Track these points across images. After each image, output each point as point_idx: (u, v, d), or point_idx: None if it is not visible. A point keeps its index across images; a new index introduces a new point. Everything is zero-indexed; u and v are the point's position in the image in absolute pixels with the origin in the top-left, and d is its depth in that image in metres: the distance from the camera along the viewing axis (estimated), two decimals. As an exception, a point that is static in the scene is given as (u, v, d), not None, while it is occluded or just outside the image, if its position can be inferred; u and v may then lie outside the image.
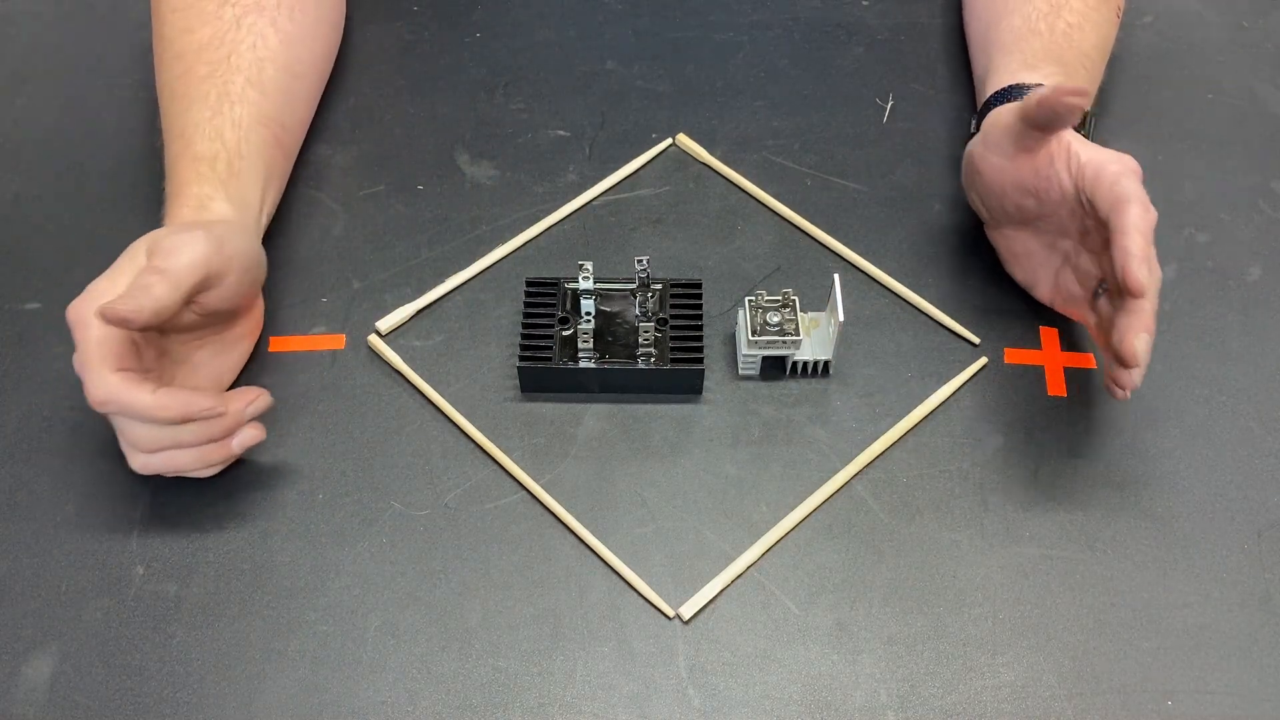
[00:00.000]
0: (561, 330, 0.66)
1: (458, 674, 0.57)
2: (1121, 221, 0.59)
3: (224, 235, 0.61)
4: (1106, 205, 0.60)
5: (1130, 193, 0.59)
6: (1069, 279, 0.66)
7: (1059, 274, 0.67)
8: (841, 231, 0.74)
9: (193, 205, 0.64)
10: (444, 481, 0.63)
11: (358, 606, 0.59)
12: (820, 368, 0.67)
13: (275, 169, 0.70)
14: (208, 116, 0.68)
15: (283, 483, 0.63)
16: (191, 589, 0.59)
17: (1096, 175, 0.61)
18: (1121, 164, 0.61)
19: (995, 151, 0.66)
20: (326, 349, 0.68)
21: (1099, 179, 0.61)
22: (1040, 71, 0.70)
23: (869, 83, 0.83)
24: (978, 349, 0.69)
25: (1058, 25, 0.73)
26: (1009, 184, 0.65)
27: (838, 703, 0.57)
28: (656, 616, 0.59)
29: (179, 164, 0.67)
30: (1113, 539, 0.62)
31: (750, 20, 0.87)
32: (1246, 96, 0.83)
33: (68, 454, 0.64)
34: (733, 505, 0.63)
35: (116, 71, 0.83)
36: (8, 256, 0.72)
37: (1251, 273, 0.73)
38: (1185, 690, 0.57)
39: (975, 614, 0.60)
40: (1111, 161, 0.61)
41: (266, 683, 0.57)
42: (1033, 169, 0.64)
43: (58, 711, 0.56)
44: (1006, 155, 0.65)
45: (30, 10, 0.87)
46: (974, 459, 0.65)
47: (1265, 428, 0.66)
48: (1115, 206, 0.59)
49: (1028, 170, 0.64)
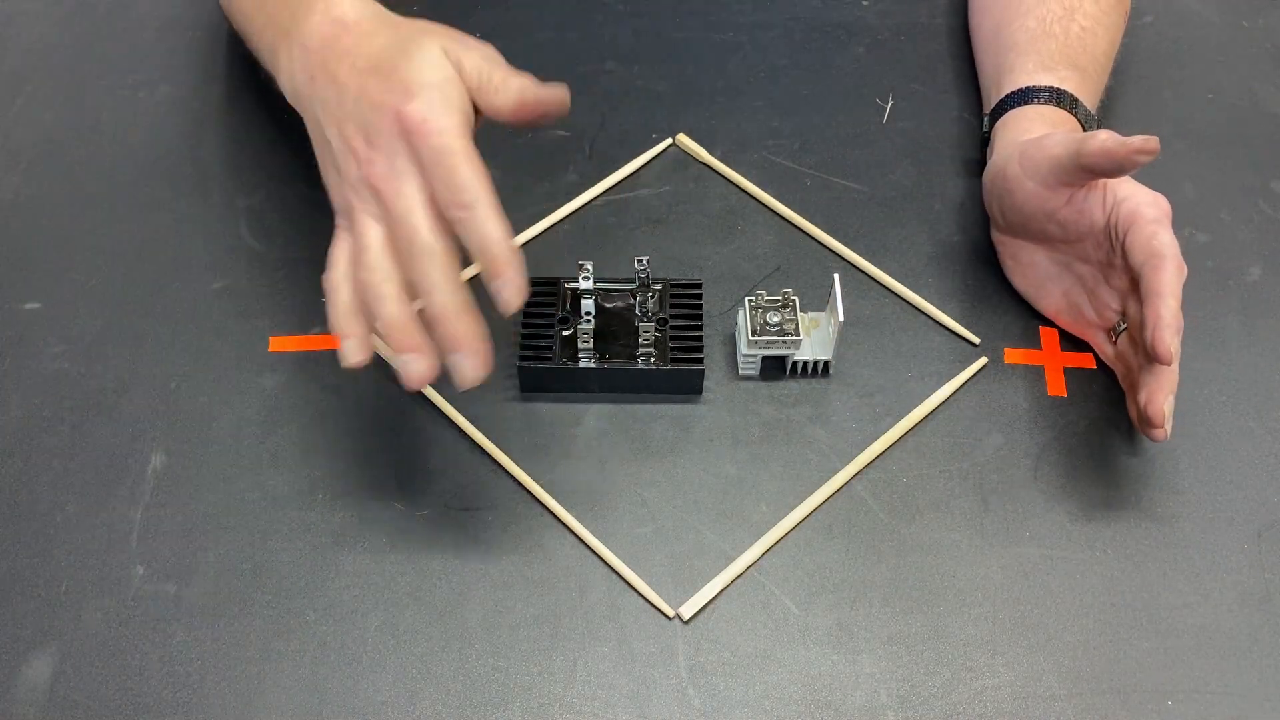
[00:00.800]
0: (561, 330, 0.66)
1: (458, 674, 0.57)
2: (1156, 284, 0.58)
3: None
4: (1140, 258, 0.59)
5: (1166, 250, 0.59)
6: (1084, 303, 0.66)
7: (1069, 294, 0.67)
8: (841, 231, 0.74)
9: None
10: (444, 481, 0.63)
11: (358, 606, 0.59)
12: (820, 368, 0.67)
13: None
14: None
15: (283, 483, 0.63)
16: (191, 589, 0.59)
17: (1132, 221, 0.60)
18: (1157, 208, 0.60)
19: (1034, 177, 0.64)
20: (326, 349, 0.68)
21: (1135, 226, 0.60)
22: (1056, 74, 0.71)
23: (869, 83, 0.83)
24: (978, 349, 0.69)
25: (1072, 28, 0.73)
26: (1038, 209, 0.65)
27: (838, 703, 0.57)
28: (656, 616, 0.59)
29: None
30: (1113, 539, 0.62)
31: (750, 20, 0.87)
32: (1246, 96, 0.83)
33: (68, 454, 0.64)
34: (732, 505, 0.63)
35: (116, 71, 0.83)
36: (8, 256, 0.72)
37: (1251, 273, 0.73)
38: (1185, 690, 0.57)
39: (975, 614, 0.59)
40: (1148, 205, 0.60)
41: (266, 683, 0.57)
42: (1067, 199, 0.63)
43: (58, 711, 0.56)
44: (1045, 184, 0.63)
45: (30, 10, 0.87)
46: (974, 459, 0.65)
47: (1265, 428, 0.66)
48: (1150, 263, 0.59)
49: (1062, 200, 0.63)
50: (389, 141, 0.53)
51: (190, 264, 0.72)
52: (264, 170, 0.77)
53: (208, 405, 0.66)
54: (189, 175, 0.76)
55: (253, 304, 0.70)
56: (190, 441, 0.64)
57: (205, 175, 0.76)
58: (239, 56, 0.83)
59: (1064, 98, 0.70)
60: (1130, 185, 0.62)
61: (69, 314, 0.69)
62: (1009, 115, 0.71)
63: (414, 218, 0.53)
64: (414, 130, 0.53)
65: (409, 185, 0.53)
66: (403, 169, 0.53)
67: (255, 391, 0.66)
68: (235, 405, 0.66)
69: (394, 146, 0.53)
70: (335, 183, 0.57)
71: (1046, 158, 0.63)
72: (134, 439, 0.64)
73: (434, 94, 0.54)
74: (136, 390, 0.66)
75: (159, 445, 0.64)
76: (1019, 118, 0.70)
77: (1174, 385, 0.60)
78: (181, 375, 0.67)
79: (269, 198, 0.75)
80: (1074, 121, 0.70)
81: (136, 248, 0.73)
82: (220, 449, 0.64)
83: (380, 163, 0.54)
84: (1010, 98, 0.71)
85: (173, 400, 0.66)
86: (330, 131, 0.56)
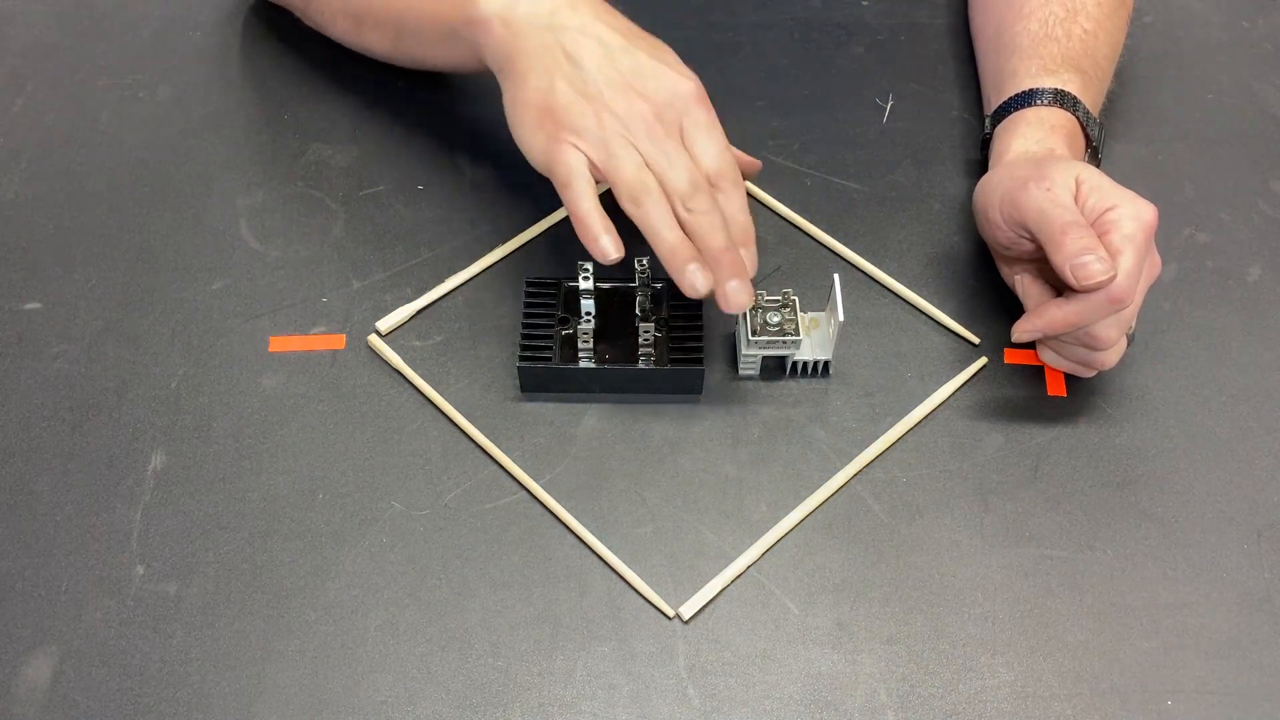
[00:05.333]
0: (561, 330, 0.66)
1: (458, 674, 0.57)
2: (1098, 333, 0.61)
3: None
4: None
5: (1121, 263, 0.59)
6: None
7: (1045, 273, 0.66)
8: (841, 231, 0.74)
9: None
10: (444, 481, 0.63)
11: (358, 606, 0.59)
12: (820, 368, 0.67)
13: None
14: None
15: (282, 483, 0.63)
16: (191, 589, 0.60)
17: (1102, 233, 0.60)
18: (1137, 221, 0.60)
19: (1010, 225, 0.64)
20: (326, 349, 0.68)
21: (1104, 239, 0.60)
22: (1059, 77, 0.70)
23: (869, 83, 0.83)
24: (978, 349, 0.69)
25: (1074, 31, 0.73)
26: (1015, 236, 0.65)
27: (838, 703, 0.57)
28: (656, 616, 0.59)
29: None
30: (1113, 539, 0.62)
31: (750, 20, 0.87)
32: (1246, 96, 0.83)
33: (68, 454, 0.64)
34: (732, 505, 0.63)
35: (116, 71, 0.83)
36: (8, 256, 0.72)
37: (1251, 273, 0.73)
38: (1185, 690, 0.57)
39: (975, 614, 0.60)
40: (1128, 219, 0.60)
41: (266, 683, 0.57)
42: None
43: (58, 711, 0.56)
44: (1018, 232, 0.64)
45: (30, 10, 0.87)
46: (974, 459, 0.65)
47: (1265, 428, 0.66)
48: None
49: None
50: (670, 97, 0.62)
51: (190, 264, 0.72)
52: (264, 170, 0.77)
53: (208, 405, 0.66)
54: (189, 175, 0.76)
55: (253, 304, 0.70)
56: (190, 441, 0.64)
57: (205, 175, 0.76)
58: (239, 56, 0.84)
59: (1065, 98, 0.70)
60: (1116, 196, 0.62)
61: (69, 314, 0.69)
62: (1010, 118, 0.70)
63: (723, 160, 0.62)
64: (702, 101, 0.62)
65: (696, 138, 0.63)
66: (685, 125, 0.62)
67: (255, 391, 0.66)
68: (235, 405, 0.66)
69: (675, 103, 0.62)
70: (581, 109, 0.61)
71: (1018, 207, 0.63)
72: (134, 439, 0.64)
73: None
74: (136, 390, 0.66)
75: (159, 445, 0.64)
76: (1020, 120, 0.70)
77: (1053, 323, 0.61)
78: (181, 375, 0.67)
79: (269, 198, 0.75)
80: (1075, 123, 0.70)
81: (136, 248, 0.73)
82: (220, 449, 0.64)
83: (666, 112, 0.62)
84: (1012, 101, 0.71)
85: (173, 400, 0.66)
86: (600, 72, 0.62)
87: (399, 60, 0.76)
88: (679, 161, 0.61)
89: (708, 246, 0.60)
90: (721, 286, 0.60)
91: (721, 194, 0.61)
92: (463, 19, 0.65)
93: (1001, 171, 0.67)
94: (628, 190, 0.60)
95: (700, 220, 0.60)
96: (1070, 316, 0.61)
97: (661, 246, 0.60)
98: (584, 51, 0.62)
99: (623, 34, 0.63)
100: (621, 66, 0.62)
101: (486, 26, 0.64)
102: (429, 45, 0.71)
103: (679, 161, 0.61)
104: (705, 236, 0.60)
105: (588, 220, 0.60)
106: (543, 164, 0.63)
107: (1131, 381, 0.68)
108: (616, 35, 0.63)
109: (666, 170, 0.61)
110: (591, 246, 0.60)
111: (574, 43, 0.62)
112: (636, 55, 0.62)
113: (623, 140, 0.61)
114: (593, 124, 0.61)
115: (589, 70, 0.61)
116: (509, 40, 0.63)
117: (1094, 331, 0.61)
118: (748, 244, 0.62)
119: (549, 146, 0.62)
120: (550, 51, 0.62)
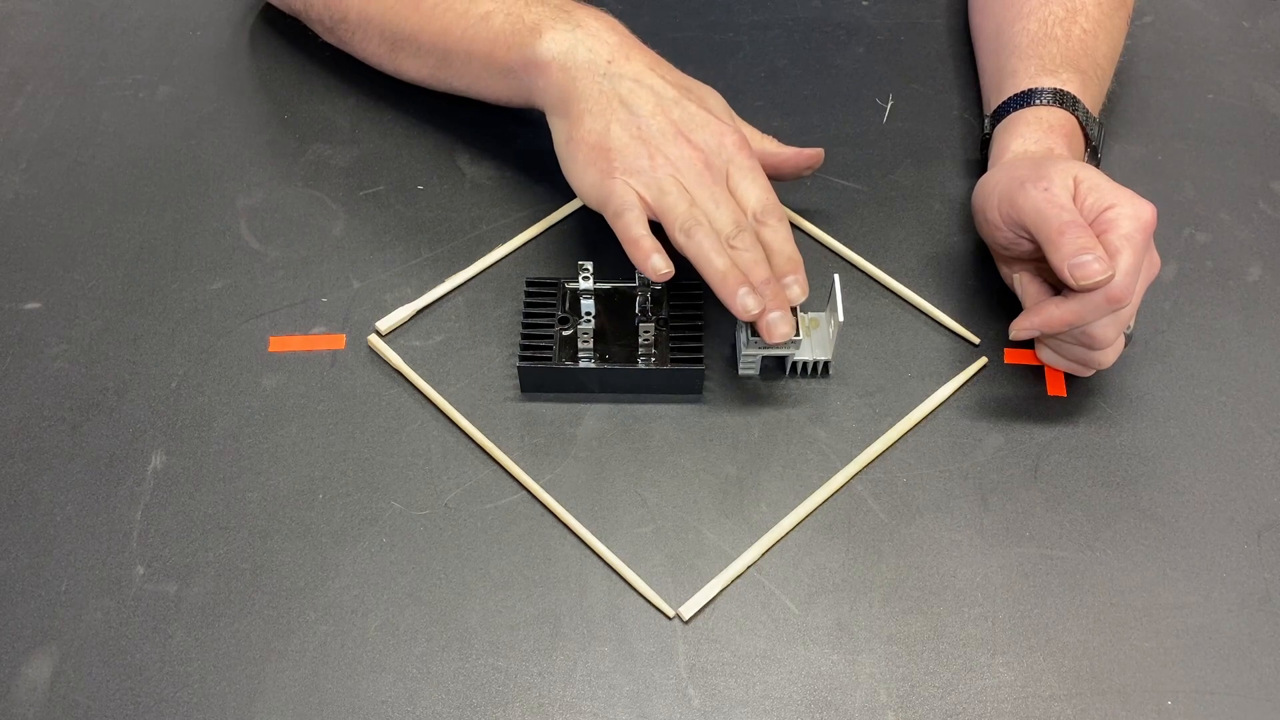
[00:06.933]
0: (561, 330, 0.66)
1: (458, 674, 0.57)
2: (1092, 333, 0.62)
3: None
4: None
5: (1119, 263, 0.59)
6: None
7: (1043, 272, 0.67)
8: (841, 231, 0.74)
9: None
10: (444, 481, 0.63)
11: (358, 606, 0.59)
12: (820, 368, 0.67)
13: None
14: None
15: (282, 483, 0.63)
16: (191, 589, 0.60)
17: (1101, 232, 0.61)
18: (1135, 221, 0.60)
19: (1009, 225, 0.65)
20: (326, 349, 0.68)
21: (1102, 238, 0.60)
22: (1058, 77, 0.71)
23: (869, 83, 0.83)
24: (978, 349, 0.69)
25: (1074, 31, 0.73)
26: (1013, 235, 0.65)
27: (838, 703, 0.57)
28: (656, 616, 0.59)
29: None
30: (1113, 539, 0.62)
31: (750, 20, 0.87)
32: (1246, 96, 0.83)
33: (68, 454, 0.64)
34: (733, 505, 0.63)
35: (116, 71, 0.83)
36: (8, 256, 0.72)
37: (1251, 273, 0.73)
38: (1185, 690, 0.57)
39: (975, 614, 0.60)
40: (1126, 219, 0.60)
41: (266, 683, 0.57)
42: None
43: (58, 711, 0.56)
44: (1016, 231, 0.65)
45: (30, 10, 0.87)
46: (974, 459, 0.65)
47: (1265, 428, 0.66)
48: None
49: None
50: (717, 147, 0.65)
51: (190, 264, 0.72)
52: (264, 170, 0.77)
53: (208, 405, 0.66)
54: (189, 175, 0.76)
55: (253, 304, 0.70)
56: (190, 441, 0.64)
57: (205, 175, 0.76)
58: (239, 56, 0.84)
59: (1065, 98, 0.70)
60: (1114, 195, 0.62)
61: (69, 314, 0.69)
62: (1010, 118, 0.71)
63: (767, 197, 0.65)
64: (744, 148, 0.65)
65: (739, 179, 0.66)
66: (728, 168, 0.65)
67: (255, 391, 0.66)
68: (235, 405, 0.66)
69: (722, 153, 0.65)
70: (636, 151, 0.64)
71: (1016, 208, 0.63)
72: (134, 439, 0.64)
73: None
74: (136, 390, 0.66)
75: (159, 445, 0.64)
76: (1020, 120, 0.70)
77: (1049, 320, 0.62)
78: (181, 375, 0.67)
79: (269, 198, 0.75)
80: (1074, 123, 0.70)
81: (136, 248, 0.73)
82: (220, 449, 0.64)
83: (714, 155, 0.65)
84: (1011, 100, 0.71)
85: (173, 400, 0.66)
86: (653, 119, 0.65)
87: (432, 86, 0.77)
88: (725, 204, 0.64)
89: (751, 280, 0.62)
90: (764, 319, 0.62)
91: (767, 229, 0.64)
92: (521, 61, 0.67)
93: (1000, 171, 0.67)
94: (680, 223, 0.62)
95: (744, 256, 0.62)
96: (1068, 315, 0.61)
97: (713, 274, 0.62)
98: (639, 100, 0.65)
99: (674, 85, 0.66)
100: (673, 116, 0.65)
101: (545, 70, 0.66)
102: (473, 78, 0.72)
103: (725, 204, 0.64)
104: (748, 271, 0.62)
105: (642, 243, 0.63)
106: (595, 198, 0.65)
107: (1131, 381, 0.68)
108: (669, 87, 0.66)
109: (713, 212, 0.63)
110: (643, 264, 0.62)
111: (629, 91, 0.65)
112: (687, 106, 0.65)
113: (674, 181, 0.63)
114: (646, 164, 0.64)
115: (644, 117, 0.64)
116: (566, 84, 0.66)
117: (1092, 331, 0.61)
118: (796, 271, 0.63)
119: (602, 181, 0.64)
120: (606, 97, 0.65)
